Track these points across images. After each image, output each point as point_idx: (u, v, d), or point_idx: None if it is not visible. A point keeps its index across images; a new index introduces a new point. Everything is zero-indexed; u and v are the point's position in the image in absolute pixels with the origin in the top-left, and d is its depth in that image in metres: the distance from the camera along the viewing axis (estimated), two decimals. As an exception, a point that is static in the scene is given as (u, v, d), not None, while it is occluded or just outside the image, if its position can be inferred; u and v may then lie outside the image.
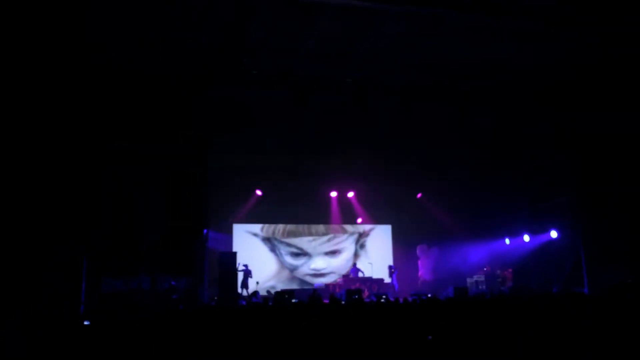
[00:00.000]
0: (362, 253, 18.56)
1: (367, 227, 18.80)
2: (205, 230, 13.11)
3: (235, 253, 15.22)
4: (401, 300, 9.49)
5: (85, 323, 5.02)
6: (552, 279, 13.38)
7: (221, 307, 9.18)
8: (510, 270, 15.40)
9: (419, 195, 18.00)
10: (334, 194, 17.64)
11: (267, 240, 17.83)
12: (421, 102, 12.19)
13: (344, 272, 17.68)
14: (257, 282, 15.65)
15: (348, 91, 11.47)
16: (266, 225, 17.79)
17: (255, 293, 13.74)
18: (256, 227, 17.72)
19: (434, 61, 10.85)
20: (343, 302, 9.46)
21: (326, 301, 9.81)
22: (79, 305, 11.06)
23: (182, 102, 11.48)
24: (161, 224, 12.13)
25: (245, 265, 15.96)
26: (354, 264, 17.44)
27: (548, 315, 6.03)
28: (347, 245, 18.58)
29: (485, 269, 16.34)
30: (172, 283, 12.77)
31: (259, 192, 16.89)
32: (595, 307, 6.56)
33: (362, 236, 18.78)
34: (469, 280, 16.37)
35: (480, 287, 15.85)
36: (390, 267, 17.11)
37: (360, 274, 16.73)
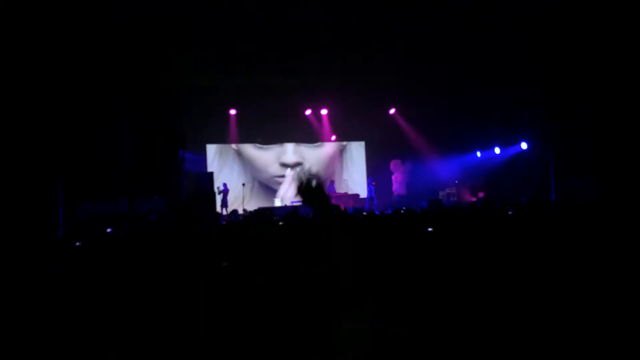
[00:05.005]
0: (337, 167, 18.80)
1: (341, 143, 18.90)
2: (181, 152, 13.00)
3: (211, 173, 15.25)
4: (377, 213, 9.77)
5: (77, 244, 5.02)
6: (521, 188, 13.92)
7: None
8: (481, 181, 15.91)
9: (391, 112, 18.02)
10: (307, 112, 17.49)
11: (241, 160, 17.77)
12: (396, 16, 11.83)
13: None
14: (244, 184, 16.04)
15: (322, 6, 10.99)
16: (240, 145, 17.68)
17: (234, 211, 13.90)
18: (229, 147, 17.60)
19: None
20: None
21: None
22: (57, 229, 11.06)
23: (152, 23, 10.87)
24: (137, 147, 11.95)
25: (224, 185, 16.07)
26: (332, 181, 17.69)
27: (515, 221, 6.33)
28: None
29: (456, 181, 16.85)
30: (149, 204, 12.82)
31: (232, 112, 16.64)
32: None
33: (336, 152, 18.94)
34: (441, 193, 16.91)
35: (451, 199, 16.42)
36: (369, 181, 17.51)
37: (335, 190, 17.10)
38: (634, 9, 9.95)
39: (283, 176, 18.00)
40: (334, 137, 18.33)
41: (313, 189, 2.18)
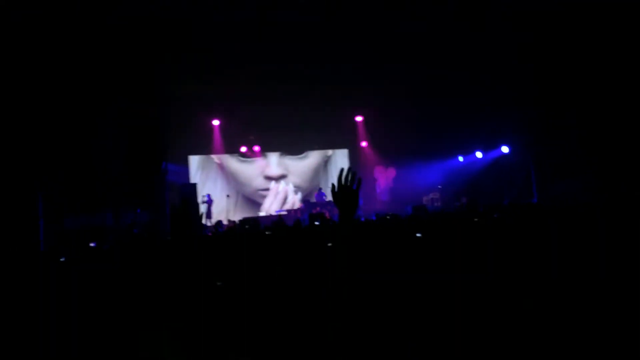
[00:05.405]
0: (322, 178, 18.80)
1: (325, 154, 18.94)
2: (163, 163, 12.90)
3: (195, 184, 15.17)
4: (363, 219, 9.80)
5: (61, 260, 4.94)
6: (504, 192, 14.08)
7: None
8: (464, 186, 16.06)
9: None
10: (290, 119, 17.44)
11: (224, 173, 17.64)
12: (378, 20, 11.89)
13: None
14: (228, 195, 15.94)
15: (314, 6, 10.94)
16: (223, 158, 17.57)
17: (219, 223, 13.82)
18: (212, 160, 17.48)
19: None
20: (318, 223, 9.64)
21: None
22: (39, 244, 10.85)
23: (134, 32, 10.74)
24: (120, 159, 11.80)
25: (208, 196, 15.97)
26: (320, 189, 17.69)
27: (500, 224, 6.41)
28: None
29: (439, 186, 16.98)
30: (132, 217, 12.68)
31: (215, 122, 16.56)
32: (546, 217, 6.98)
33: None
34: (424, 198, 17.02)
35: (435, 204, 16.54)
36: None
37: (324, 198, 17.12)
38: (619, 11, 10.13)
39: (267, 189, 17.90)
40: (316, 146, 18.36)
41: (349, 193, 2.21)
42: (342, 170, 2.32)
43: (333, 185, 2.28)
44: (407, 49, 13.25)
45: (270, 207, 17.51)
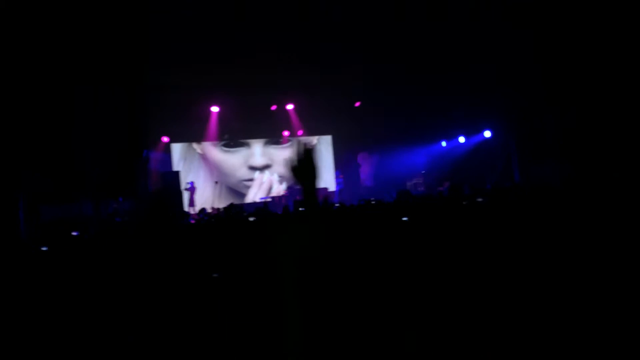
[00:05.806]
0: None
1: (310, 144, 18.84)
2: (145, 151, 12.74)
3: (177, 172, 15.04)
4: (348, 204, 9.83)
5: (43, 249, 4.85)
6: (486, 176, 14.21)
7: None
8: (447, 170, 16.19)
9: (357, 104, 18.06)
10: (273, 107, 17.35)
11: (206, 158, 17.47)
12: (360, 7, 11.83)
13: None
14: (216, 182, 15.84)
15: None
16: (205, 149, 17.38)
17: (203, 210, 13.73)
18: (194, 151, 17.28)
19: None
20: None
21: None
22: (19, 234, 10.69)
23: (113, 18, 10.47)
24: (100, 148, 11.61)
25: (191, 183, 15.85)
26: None
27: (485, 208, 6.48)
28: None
29: (423, 171, 17.09)
30: (114, 205, 12.55)
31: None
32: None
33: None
34: (408, 183, 17.11)
35: (418, 188, 16.64)
36: (337, 174, 17.60)
37: None
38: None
39: (252, 179, 17.75)
40: (300, 132, 18.25)
41: (308, 165, 2.12)
42: (297, 143, 2.20)
43: (290, 160, 2.13)
44: (389, 36, 13.23)
45: (254, 197, 17.41)
